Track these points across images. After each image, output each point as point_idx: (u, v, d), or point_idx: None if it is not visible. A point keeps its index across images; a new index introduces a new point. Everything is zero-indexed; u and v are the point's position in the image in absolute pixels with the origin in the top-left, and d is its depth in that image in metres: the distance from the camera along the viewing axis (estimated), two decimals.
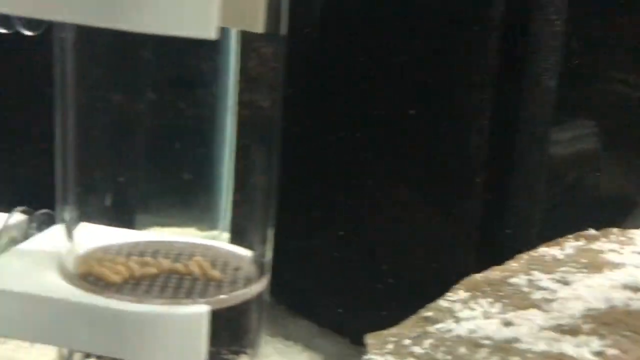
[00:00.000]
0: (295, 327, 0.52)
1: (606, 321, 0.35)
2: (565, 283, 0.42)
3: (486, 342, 0.36)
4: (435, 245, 0.49)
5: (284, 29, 0.29)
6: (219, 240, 0.39)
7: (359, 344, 0.52)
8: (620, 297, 0.37)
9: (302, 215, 0.51)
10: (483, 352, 0.35)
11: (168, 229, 0.40)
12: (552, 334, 0.35)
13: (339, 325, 0.53)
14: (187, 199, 0.40)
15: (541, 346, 0.33)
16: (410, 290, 0.50)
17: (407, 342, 0.40)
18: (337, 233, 0.51)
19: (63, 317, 0.29)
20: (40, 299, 0.30)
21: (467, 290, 0.44)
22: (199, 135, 0.38)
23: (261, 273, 0.33)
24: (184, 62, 0.34)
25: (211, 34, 0.25)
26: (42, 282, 0.31)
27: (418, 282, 0.50)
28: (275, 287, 0.37)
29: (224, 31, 0.36)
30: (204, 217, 0.42)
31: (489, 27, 0.45)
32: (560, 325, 0.36)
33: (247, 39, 0.29)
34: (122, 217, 0.37)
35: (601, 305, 0.37)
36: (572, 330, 0.35)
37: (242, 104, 0.30)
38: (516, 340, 0.35)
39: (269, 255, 0.33)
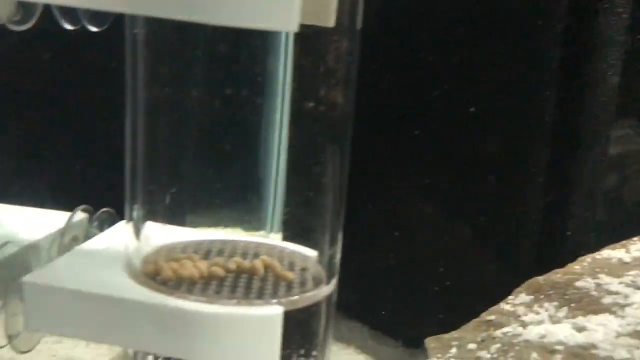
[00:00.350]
0: (347, 330, 0.51)
1: None
2: (638, 288, 0.40)
3: (559, 347, 0.35)
4: (493, 246, 0.48)
5: (359, 23, 0.28)
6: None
7: (412, 347, 0.51)
8: None
9: (354, 215, 0.50)
10: (557, 359, 0.34)
11: (214, 229, 0.39)
12: (631, 341, 0.33)
13: (392, 328, 0.52)
14: (233, 198, 0.39)
15: (622, 353, 0.32)
16: (467, 293, 0.48)
17: (471, 346, 0.39)
18: (391, 233, 0.50)
19: (132, 317, 0.29)
20: (108, 299, 0.29)
21: (529, 294, 0.43)
22: (250, 135, 0.37)
23: (331, 274, 0.32)
24: (240, 61, 0.34)
25: (293, 26, 0.24)
26: (109, 281, 0.30)
27: (475, 284, 0.49)
28: None
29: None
30: (250, 218, 0.41)
31: (553, 20, 0.43)
32: (639, 332, 0.34)
33: (323, 33, 0.28)
34: (179, 216, 0.36)
35: None
36: None
37: (316, 99, 0.29)
38: (592, 346, 0.34)
39: (338, 256, 0.32)
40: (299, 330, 0.30)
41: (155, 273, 0.31)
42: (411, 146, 0.47)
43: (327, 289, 0.31)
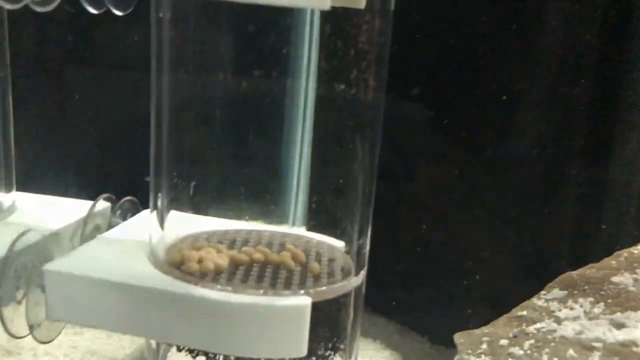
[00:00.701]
0: (371, 325, 0.50)
1: None
2: None
3: (597, 344, 0.34)
4: (525, 240, 0.47)
5: (392, 4, 0.27)
6: None
7: (439, 344, 0.50)
8: None
9: (382, 210, 0.49)
10: (595, 356, 0.33)
11: (237, 220, 0.38)
12: None
13: (418, 323, 0.50)
14: (256, 189, 0.38)
15: None
16: (498, 288, 0.47)
17: (503, 342, 0.38)
18: (419, 228, 0.49)
19: (156, 307, 0.28)
20: (132, 288, 0.28)
21: (562, 289, 0.41)
22: (275, 123, 0.36)
23: (359, 266, 0.31)
24: (265, 45, 0.33)
25: (326, 4, 0.23)
26: (133, 270, 0.29)
27: (504, 279, 0.47)
28: None
29: (303, 12, 0.34)
30: (273, 209, 0.40)
31: (591, 4, 0.42)
32: None
33: (353, 14, 0.27)
34: (202, 205, 0.36)
35: None
36: None
37: (346, 82, 0.28)
38: (633, 343, 0.32)
39: (367, 247, 0.31)
40: (327, 322, 0.29)
41: (179, 262, 0.30)
42: (441, 136, 0.46)
43: (356, 280, 0.30)
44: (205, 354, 0.30)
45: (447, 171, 0.47)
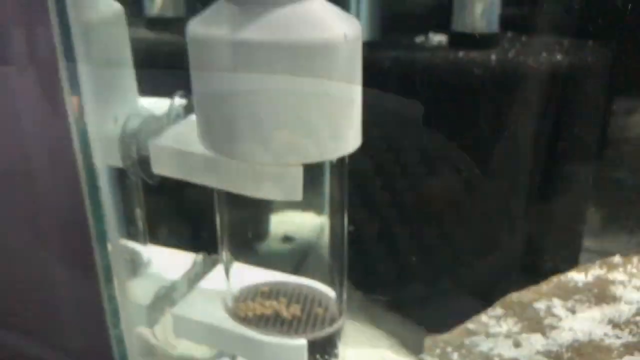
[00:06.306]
0: (376, 317, 0.62)
1: (582, 352, 0.49)
2: (573, 312, 0.55)
3: (496, 359, 0.52)
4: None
5: None
6: None
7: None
8: (599, 332, 0.50)
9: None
10: None
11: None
12: (542, 359, 0.49)
13: (423, 317, 0.61)
14: None
15: None
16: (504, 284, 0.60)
17: (449, 349, 0.56)
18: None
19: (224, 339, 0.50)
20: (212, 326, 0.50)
21: (502, 308, 0.59)
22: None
23: (341, 312, 0.50)
24: None
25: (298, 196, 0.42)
26: (213, 314, 0.51)
27: (513, 278, 0.61)
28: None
29: None
30: None
31: None
32: (550, 352, 0.50)
33: None
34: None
35: (583, 338, 0.50)
36: (556, 357, 0.49)
37: None
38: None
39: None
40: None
41: (240, 310, 0.51)
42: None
43: (340, 323, 0.50)
44: None
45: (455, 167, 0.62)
